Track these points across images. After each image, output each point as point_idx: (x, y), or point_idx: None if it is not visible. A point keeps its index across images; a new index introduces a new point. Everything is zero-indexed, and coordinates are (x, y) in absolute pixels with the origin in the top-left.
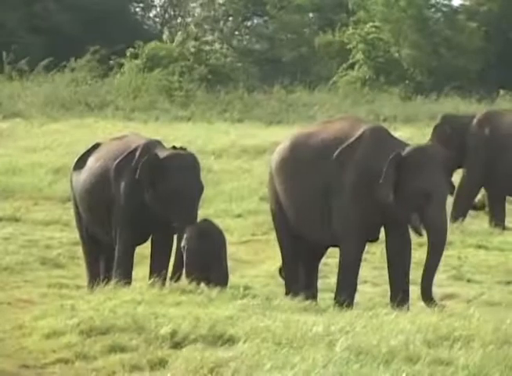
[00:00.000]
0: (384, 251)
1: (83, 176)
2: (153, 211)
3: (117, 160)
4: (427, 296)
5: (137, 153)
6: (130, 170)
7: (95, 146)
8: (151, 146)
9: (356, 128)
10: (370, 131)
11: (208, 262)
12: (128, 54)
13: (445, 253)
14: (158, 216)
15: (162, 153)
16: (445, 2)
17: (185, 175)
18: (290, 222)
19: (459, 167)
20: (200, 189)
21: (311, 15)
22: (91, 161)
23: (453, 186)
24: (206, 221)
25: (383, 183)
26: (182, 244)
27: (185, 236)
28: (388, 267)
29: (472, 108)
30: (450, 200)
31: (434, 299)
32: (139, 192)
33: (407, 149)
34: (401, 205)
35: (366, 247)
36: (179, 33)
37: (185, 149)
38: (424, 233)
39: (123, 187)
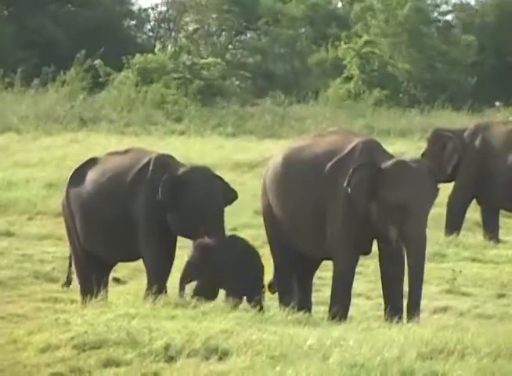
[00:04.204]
0: (378, 264)
1: (86, 191)
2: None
3: (132, 175)
4: (412, 312)
5: (150, 169)
6: (146, 186)
7: (92, 161)
8: (165, 161)
9: (348, 141)
10: (362, 144)
11: (212, 278)
12: (118, 67)
13: (439, 266)
14: (180, 234)
15: (179, 170)
16: (441, 18)
17: (204, 188)
18: (283, 236)
19: (451, 180)
20: (219, 201)
21: (303, 29)
22: (93, 176)
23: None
24: (232, 237)
25: (352, 194)
26: (187, 258)
27: (191, 250)
28: (382, 280)
29: (466, 121)
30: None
31: (419, 316)
32: (160, 208)
33: (388, 161)
34: (379, 218)
35: (360, 260)
36: (169, 45)
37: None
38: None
39: (142, 204)
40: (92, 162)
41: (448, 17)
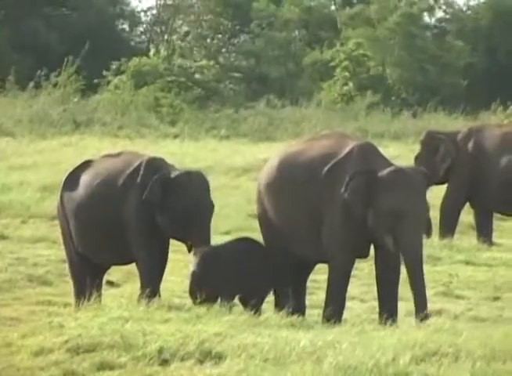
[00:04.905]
0: (373, 267)
1: (79, 194)
2: (165, 230)
3: (124, 179)
4: (421, 315)
5: (141, 172)
6: (136, 188)
7: (86, 164)
8: (156, 164)
9: (344, 144)
10: (358, 148)
11: (216, 287)
12: (112, 70)
13: (433, 269)
14: (169, 235)
15: (171, 173)
16: (436, 24)
17: (197, 193)
18: (279, 239)
19: (444, 182)
20: (212, 206)
21: (297, 32)
22: (86, 179)
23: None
24: (241, 240)
25: (350, 200)
26: (191, 269)
27: (194, 259)
28: (377, 283)
29: (461, 123)
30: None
31: (428, 317)
32: (150, 209)
33: (385, 169)
34: (376, 225)
35: (355, 263)
36: (163, 48)
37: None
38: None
39: (133, 206)
40: (86, 165)
41: (443, 23)
